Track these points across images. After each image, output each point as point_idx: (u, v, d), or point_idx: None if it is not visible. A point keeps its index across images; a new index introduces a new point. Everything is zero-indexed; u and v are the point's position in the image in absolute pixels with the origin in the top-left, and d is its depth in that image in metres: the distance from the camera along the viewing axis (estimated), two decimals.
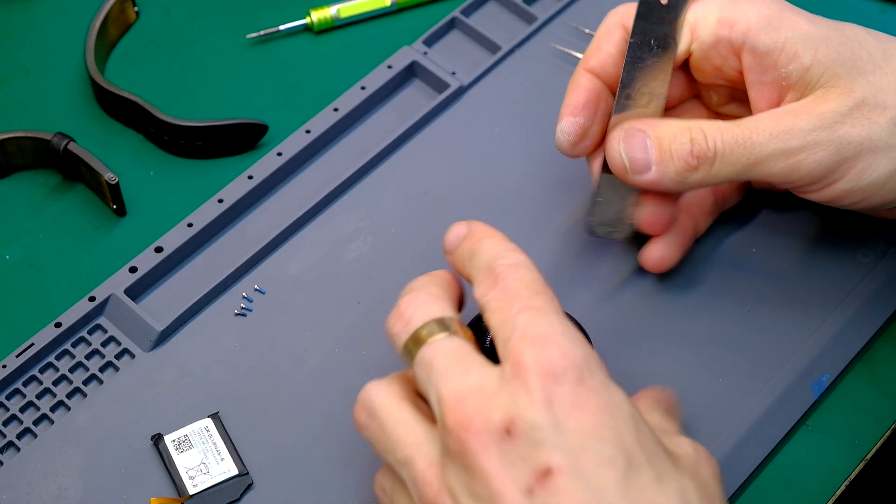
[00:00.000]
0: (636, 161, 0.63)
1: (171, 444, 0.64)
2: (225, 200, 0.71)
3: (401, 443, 0.55)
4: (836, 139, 0.61)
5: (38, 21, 0.81)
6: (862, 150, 0.61)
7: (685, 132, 0.62)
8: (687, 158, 0.62)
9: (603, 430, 0.52)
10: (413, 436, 0.55)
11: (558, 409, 0.52)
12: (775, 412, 0.65)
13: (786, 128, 0.61)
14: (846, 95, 0.61)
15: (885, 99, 0.61)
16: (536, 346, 0.53)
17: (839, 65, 0.61)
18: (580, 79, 0.66)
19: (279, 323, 0.68)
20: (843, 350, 0.67)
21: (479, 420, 0.52)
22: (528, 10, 0.79)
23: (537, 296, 0.56)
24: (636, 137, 0.63)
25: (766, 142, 0.61)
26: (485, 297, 0.57)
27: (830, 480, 0.64)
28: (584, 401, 0.52)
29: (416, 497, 0.55)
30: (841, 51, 0.62)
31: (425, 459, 0.55)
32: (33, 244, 0.72)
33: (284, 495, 0.63)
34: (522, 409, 0.52)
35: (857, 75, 0.61)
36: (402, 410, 0.56)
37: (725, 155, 0.62)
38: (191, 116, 0.76)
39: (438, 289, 0.59)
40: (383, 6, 0.81)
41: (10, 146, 0.74)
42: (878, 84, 0.61)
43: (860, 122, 0.61)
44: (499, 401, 0.53)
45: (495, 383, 0.53)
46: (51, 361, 0.67)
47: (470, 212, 0.72)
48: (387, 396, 0.57)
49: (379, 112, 0.76)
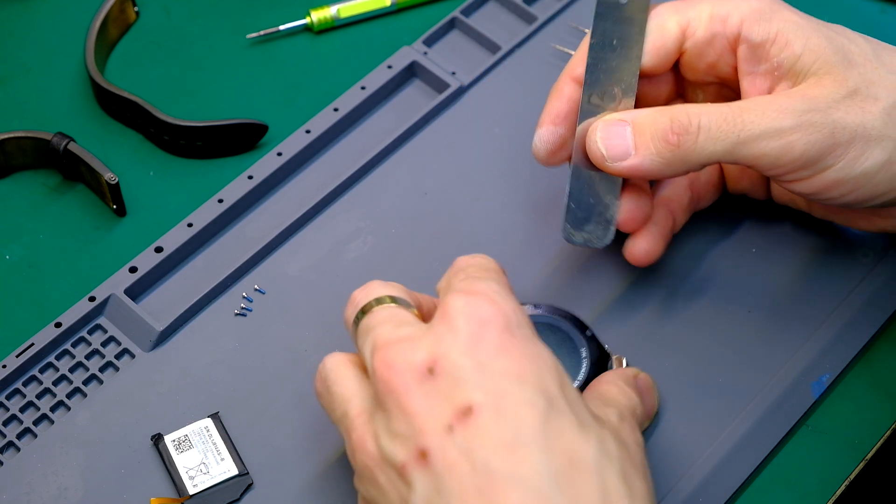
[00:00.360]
0: (615, 148, 0.62)
1: (171, 444, 0.64)
2: (225, 200, 0.71)
3: (338, 399, 0.57)
4: (830, 122, 0.60)
5: (38, 21, 0.81)
6: (856, 135, 0.60)
7: (664, 113, 0.62)
8: (667, 135, 0.61)
9: (526, 374, 0.53)
10: (349, 391, 0.57)
11: (482, 351, 0.53)
12: (775, 412, 0.65)
13: (779, 107, 0.60)
14: (839, 83, 0.61)
15: (877, 91, 0.61)
16: (467, 296, 0.55)
17: (831, 53, 0.61)
18: (564, 87, 0.66)
19: (279, 323, 0.68)
20: (843, 350, 0.67)
21: (401, 360, 0.54)
22: (528, 10, 0.79)
23: (485, 272, 0.57)
24: (615, 126, 0.62)
25: (758, 119, 0.60)
26: (440, 283, 0.58)
27: (830, 480, 0.64)
28: (509, 346, 0.53)
29: (347, 447, 0.56)
30: (832, 42, 0.62)
31: (356, 409, 0.56)
32: (33, 244, 0.72)
33: (284, 495, 0.63)
34: (446, 348, 0.53)
35: (848, 66, 0.61)
36: (345, 371, 0.58)
37: (711, 130, 0.61)
38: (191, 116, 0.76)
39: (395, 284, 0.59)
40: (383, 6, 0.81)
41: (10, 146, 0.74)
42: (869, 76, 0.61)
43: (853, 109, 0.60)
44: (423, 343, 0.54)
45: (423, 330, 0.55)
46: (51, 361, 0.67)
47: (470, 212, 0.72)
48: (336, 362, 0.58)
49: (379, 112, 0.76)
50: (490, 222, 0.72)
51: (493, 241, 0.71)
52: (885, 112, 0.61)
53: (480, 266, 0.57)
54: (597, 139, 0.63)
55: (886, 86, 0.61)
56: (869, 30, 0.65)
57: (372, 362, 0.55)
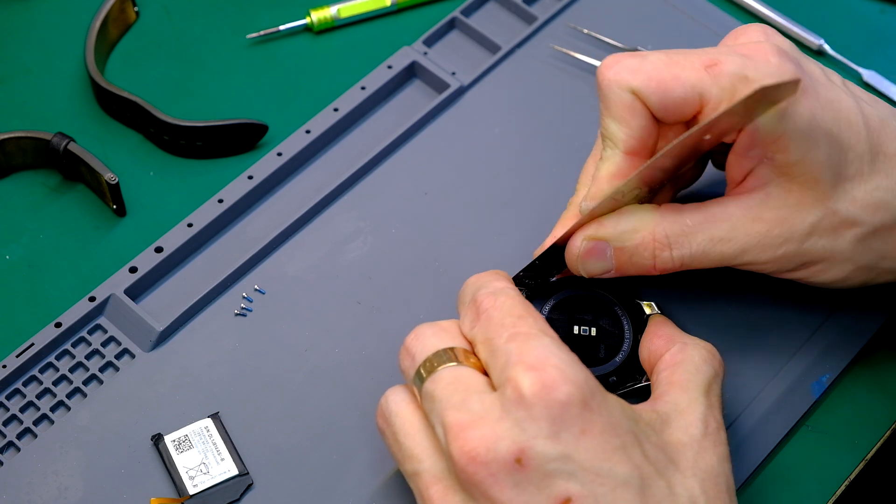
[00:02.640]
0: (595, 270, 0.62)
1: (171, 444, 0.64)
2: (225, 200, 0.71)
3: (408, 453, 0.56)
4: (803, 251, 0.61)
5: (38, 21, 0.81)
6: (823, 258, 0.61)
7: (648, 246, 0.61)
8: (647, 269, 0.62)
9: (611, 452, 0.53)
10: (420, 448, 0.56)
11: (566, 436, 0.52)
12: (775, 412, 0.65)
13: (758, 240, 0.60)
14: (820, 203, 0.60)
15: (856, 212, 0.60)
16: (535, 371, 0.53)
17: (824, 170, 0.59)
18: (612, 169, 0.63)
19: (279, 323, 0.68)
20: (843, 350, 0.67)
21: (484, 452, 0.53)
22: (528, 10, 0.79)
23: (521, 320, 0.56)
24: (597, 249, 0.62)
25: (737, 255, 0.61)
26: (472, 332, 0.57)
27: (830, 480, 0.64)
28: (589, 424, 0.53)
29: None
30: (831, 154, 0.59)
31: (430, 474, 0.55)
32: (33, 244, 0.72)
33: (284, 495, 0.63)
34: (531, 439, 0.52)
35: (837, 182, 0.60)
36: (413, 420, 0.57)
37: (684, 257, 0.61)
38: (191, 116, 0.76)
39: (447, 323, 0.59)
40: (383, 6, 0.81)
41: (10, 146, 0.74)
42: (853, 193, 0.60)
43: (827, 234, 0.60)
44: (502, 430, 0.53)
45: (496, 411, 0.53)
46: (51, 361, 0.67)
47: (470, 212, 0.72)
48: (402, 404, 0.57)
49: (379, 112, 0.76)
50: (489, 223, 0.71)
51: (493, 242, 0.71)
52: (858, 239, 0.61)
53: (516, 316, 0.56)
54: (577, 259, 0.62)
55: (870, 205, 0.60)
56: (869, 30, 0.65)
57: (448, 446, 0.54)
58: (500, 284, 0.58)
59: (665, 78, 0.60)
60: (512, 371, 0.54)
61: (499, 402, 0.53)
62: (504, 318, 0.56)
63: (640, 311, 0.65)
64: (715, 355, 0.60)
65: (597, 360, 0.63)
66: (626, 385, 0.63)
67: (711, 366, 0.59)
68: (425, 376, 0.56)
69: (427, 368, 0.56)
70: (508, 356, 0.54)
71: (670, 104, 0.60)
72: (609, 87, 0.61)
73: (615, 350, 0.64)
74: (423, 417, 0.57)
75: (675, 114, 0.60)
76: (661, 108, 0.60)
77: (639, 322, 0.64)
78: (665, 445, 0.55)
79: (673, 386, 0.58)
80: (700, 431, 0.57)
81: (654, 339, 0.62)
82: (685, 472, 0.55)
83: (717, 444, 0.57)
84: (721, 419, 0.58)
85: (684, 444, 0.56)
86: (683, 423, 0.57)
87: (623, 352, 0.64)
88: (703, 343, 0.61)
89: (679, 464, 0.55)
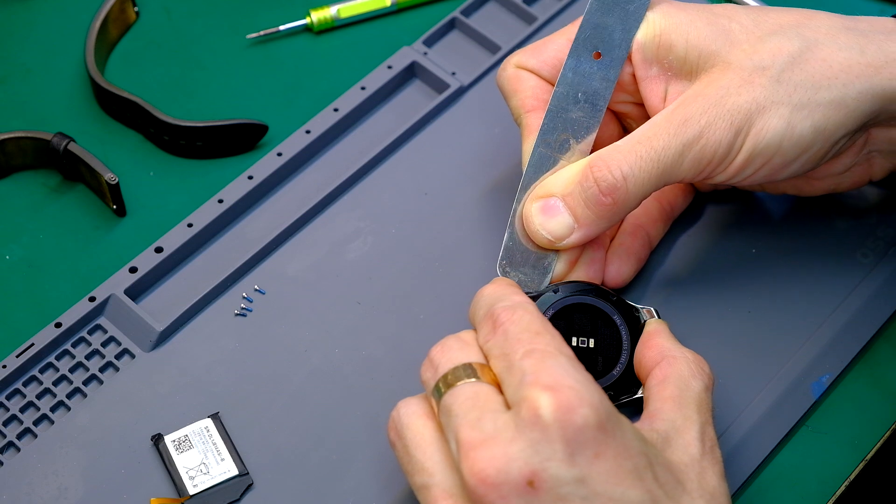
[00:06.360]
0: (557, 229, 0.63)
1: (171, 444, 0.64)
2: (225, 200, 0.71)
3: (420, 468, 0.56)
4: (726, 113, 0.61)
5: (38, 21, 0.81)
6: (751, 113, 0.61)
7: (587, 176, 0.62)
8: (599, 200, 0.61)
9: (624, 476, 0.52)
10: (432, 462, 0.55)
11: (580, 459, 0.52)
12: (775, 412, 0.65)
13: (680, 120, 0.61)
14: (725, 68, 0.61)
15: (762, 59, 0.61)
16: (551, 392, 0.53)
17: (711, 41, 0.62)
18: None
19: (279, 323, 0.68)
20: (843, 350, 0.67)
21: (495, 472, 0.52)
22: (528, 10, 0.79)
23: (538, 337, 0.55)
24: (547, 206, 0.63)
25: (668, 143, 0.61)
26: (487, 345, 0.57)
27: (830, 480, 0.64)
28: (603, 447, 0.52)
29: None
30: (711, 28, 0.62)
31: (440, 489, 0.55)
32: (33, 244, 0.72)
33: (284, 495, 0.63)
34: (543, 460, 0.52)
35: (730, 47, 0.62)
36: (425, 433, 0.56)
37: (635, 173, 0.61)
38: (191, 116, 0.76)
39: (469, 335, 0.58)
40: (383, 6, 0.81)
41: (10, 146, 0.74)
42: (752, 49, 0.62)
43: (744, 88, 0.61)
44: (515, 451, 0.52)
45: (509, 432, 0.53)
46: (51, 362, 0.67)
47: (470, 212, 0.72)
48: (413, 417, 0.57)
49: (379, 112, 0.76)
50: (489, 223, 0.71)
51: (493, 242, 0.71)
52: (773, 79, 0.61)
53: (532, 332, 0.56)
54: (537, 227, 0.63)
55: (770, 50, 0.61)
56: None
57: (460, 463, 0.53)
58: (518, 298, 0.58)
59: (537, 46, 0.66)
60: (527, 391, 0.53)
61: (513, 423, 0.53)
62: (521, 334, 0.56)
63: (639, 319, 0.64)
64: (703, 367, 0.60)
65: (594, 374, 0.63)
66: (621, 397, 0.63)
67: (700, 379, 0.59)
68: (444, 390, 0.56)
69: (447, 382, 0.56)
70: (524, 374, 0.54)
71: (549, 60, 0.66)
72: (498, 79, 0.67)
73: (613, 363, 0.63)
74: (436, 430, 0.56)
75: (558, 67, 0.65)
76: (542, 65, 0.66)
77: (637, 331, 0.64)
78: (670, 466, 0.55)
79: (666, 402, 0.58)
80: (699, 451, 0.57)
81: (645, 350, 0.62)
82: (692, 494, 0.55)
83: (714, 462, 0.57)
84: (714, 435, 0.58)
85: (686, 465, 0.56)
86: (682, 442, 0.57)
87: (621, 364, 0.63)
88: (691, 355, 0.61)
89: (685, 485, 0.55)
